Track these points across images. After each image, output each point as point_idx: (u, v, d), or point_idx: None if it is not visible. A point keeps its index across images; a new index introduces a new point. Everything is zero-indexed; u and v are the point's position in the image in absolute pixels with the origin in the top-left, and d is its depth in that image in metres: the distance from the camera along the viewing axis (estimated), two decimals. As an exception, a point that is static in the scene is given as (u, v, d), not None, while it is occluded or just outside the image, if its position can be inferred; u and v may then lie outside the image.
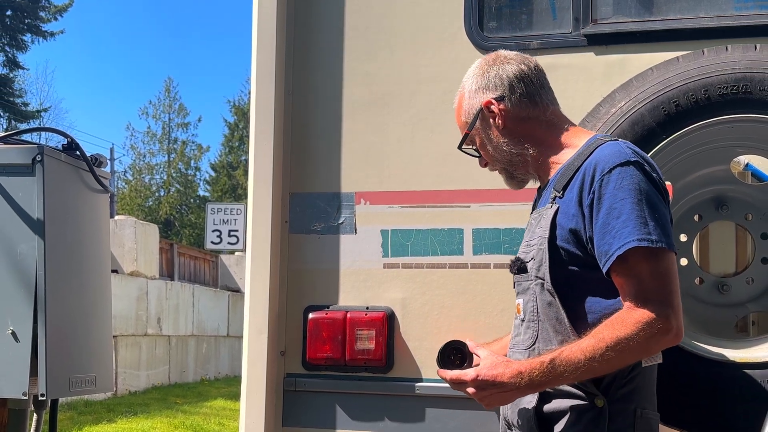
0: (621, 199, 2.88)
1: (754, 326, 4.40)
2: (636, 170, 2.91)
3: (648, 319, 2.80)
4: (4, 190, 3.62)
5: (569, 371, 2.83)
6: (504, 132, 3.29)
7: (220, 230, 28.95)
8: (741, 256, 4.36)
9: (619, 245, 2.84)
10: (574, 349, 2.84)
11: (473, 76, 3.39)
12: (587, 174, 2.97)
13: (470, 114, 3.37)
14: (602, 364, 2.81)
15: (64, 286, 3.73)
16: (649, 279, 2.85)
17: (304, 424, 4.38)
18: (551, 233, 3.04)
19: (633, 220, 2.85)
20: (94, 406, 16.97)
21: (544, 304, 3.06)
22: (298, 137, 4.49)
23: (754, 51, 3.66)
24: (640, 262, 2.85)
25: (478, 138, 3.38)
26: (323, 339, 4.29)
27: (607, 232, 2.88)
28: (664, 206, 2.95)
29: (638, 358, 2.90)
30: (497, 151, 3.33)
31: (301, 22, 4.54)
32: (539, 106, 3.28)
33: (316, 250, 4.43)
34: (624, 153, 2.95)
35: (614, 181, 2.90)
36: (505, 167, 3.37)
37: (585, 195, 2.96)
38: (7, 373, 3.56)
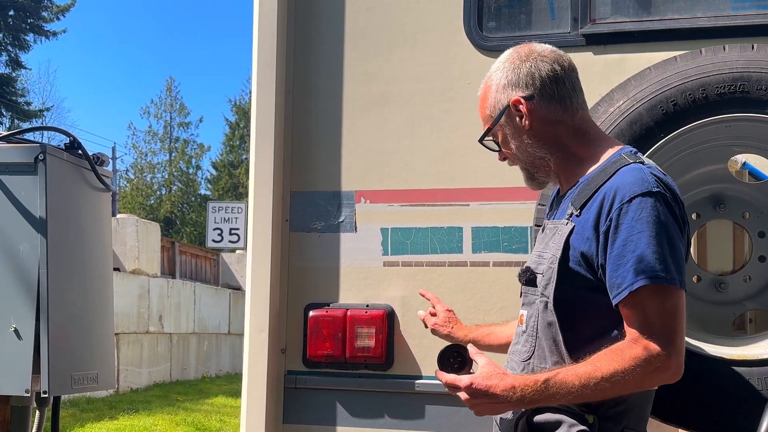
0: (639, 231, 2.81)
1: (751, 324, 4.40)
2: (657, 202, 2.83)
3: (647, 356, 2.76)
4: (7, 189, 3.62)
5: (561, 394, 2.81)
6: (530, 133, 3.13)
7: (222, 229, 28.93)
8: (738, 255, 4.36)
9: (632, 281, 2.79)
10: (570, 373, 2.81)
11: (503, 69, 3.20)
12: (606, 199, 2.89)
13: (496, 108, 3.19)
14: (595, 392, 2.79)
15: (67, 284, 3.73)
16: (656, 316, 2.80)
17: (304, 421, 4.38)
18: (563, 254, 2.98)
19: (649, 255, 2.78)
20: (96, 403, 16.98)
21: (544, 323, 3.02)
22: (298, 136, 4.49)
23: (751, 50, 3.66)
24: (650, 297, 2.80)
25: (501, 134, 3.22)
26: (324, 336, 4.30)
27: (621, 264, 2.82)
28: (680, 241, 2.88)
29: (632, 390, 2.87)
30: (520, 151, 3.19)
31: (302, 22, 4.54)
32: (569, 110, 3.14)
33: (316, 248, 4.43)
34: (647, 182, 2.86)
35: (633, 211, 2.82)
36: (526, 167, 3.25)
37: (602, 220, 2.89)
38: (9, 370, 3.56)
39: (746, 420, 3.35)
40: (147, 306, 21.20)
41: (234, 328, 27.83)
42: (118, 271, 19.51)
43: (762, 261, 4.18)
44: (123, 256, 20.18)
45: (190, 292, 24.66)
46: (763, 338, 3.81)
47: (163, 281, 22.67)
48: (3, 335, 3.56)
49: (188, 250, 29.52)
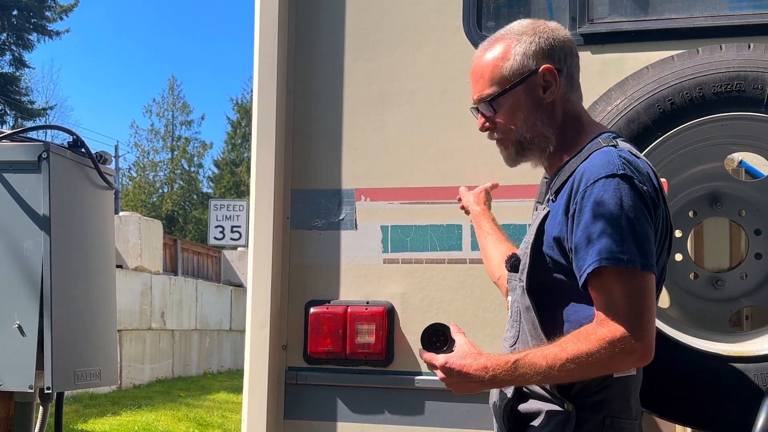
0: (599, 214, 2.76)
1: (747, 321, 4.40)
2: (621, 183, 2.78)
3: (612, 338, 2.72)
4: (11, 187, 3.63)
5: (530, 374, 2.79)
6: (548, 107, 3.05)
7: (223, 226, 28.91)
8: (735, 252, 4.36)
9: (590, 262, 2.76)
10: (537, 354, 2.79)
11: (534, 36, 3.08)
12: (575, 183, 2.86)
13: (519, 70, 3.03)
14: (562, 373, 2.76)
15: (70, 281, 3.74)
16: (620, 298, 2.76)
17: (305, 416, 4.39)
18: (536, 238, 2.97)
19: (606, 238, 2.74)
20: (99, 399, 16.99)
21: (523, 308, 3.02)
22: (299, 135, 4.50)
23: (747, 50, 3.66)
24: (612, 280, 2.76)
25: (512, 100, 3.05)
26: (324, 333, 4.30)
27: (583, 247, 2.79)
28: (648, 223, 2.81)
29: (600, 373, 2.83)
30: (527, 123, 3.05)
31: (303, 21, 4.54)
32: (577, 96, 3.13)
33: (317, 245, 4.43)
34: (612, 164, 2.82)
35: (596, 194, 2.78)
36: (521, 141, 3.09)
37: (570, 204, 2.86)
38: (13, 366, 3.57)
39: (743, 415, 3.35)
40: (149, 303, 21.21)
41: (235, 324, 27.83)
42: (121, 268, 19.50)
43: (758, 258, 4.18)
44: (126, 253, 20.18)
45: (192, 289, 24.66)
46: (760, 335, 3.81)
47: (165, 278, 22.68)
48: (7, 332, 3.57)
49: (190, 247, 29.52)
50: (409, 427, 4.27)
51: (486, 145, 3.34)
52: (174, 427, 14.63)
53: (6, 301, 3.60)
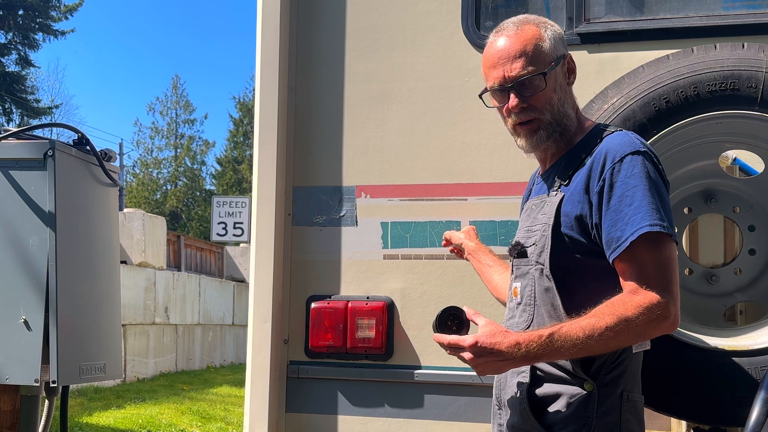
0: (633, 186, 2.85)
1: (741, 315, 4.40)
2: (646, 160, 2.90)
3: (648, 303, 2.77)
4: (17, 184, 3.63)
5: (566, 347, 2.80)
6: (568, 91, 3.18)
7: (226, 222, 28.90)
8: (729, 248, 4.36)
9: (633, 230, 2.82)
10: (573, 326, 2.80)
11: (552, 24, 3.21)
12: (597, 162, 2.94)
13: (554, 53, 3.12)
14: (599, 343, 2.78)
15: (75, 276, 3.74)
16: (653, 266, 2.82)
17: (306, 409, 4.39)
18: (555, 220, 3.01)
19: (645, 207, 2.83)
20: (104, 392, 16.99)
21: (541, 290, 3.03)
22: (300, 133, 4.50)
23: (741, 49, 3.66)
24: (647, 248, 2.83)
25: (552, 80, 3.11)
26: (325, 327, 4.30)
27: (620, 219, 2.85)
28: (667, 195, 2.94)
29: (635, 341, 2.89)
30: (560, 103, 3.12)
31: (304, 21, 4.54)
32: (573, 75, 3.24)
33: (318, 241, 4.43)
34: (634, 143, 2.94)
35: (626, 169, 2.88)
36: (551, 121, 3.11)
37: (594, 183, 2.93)
38: (19, 360, 3.57)
39: (737, 409, 3.35)
40: (153, 298, 21.21)
41: (238, 319, 27.85)
42: (125, 264, 19.51)
43: (752, 254, 4.18)
44: (130, 249, 20.18)
45: (195, 285, 24.67)
46: (753, 329, 3.82)
47: (168, 274, 22.68)
48: (13, 326, 3.57)
49: (193, 243, 29.50)
50: (408, 420, 4.27)
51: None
52: (177, 420, 14.64)
53: (12, 296, 3.60)
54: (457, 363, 4.13)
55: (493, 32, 3.22)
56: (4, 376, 3.60)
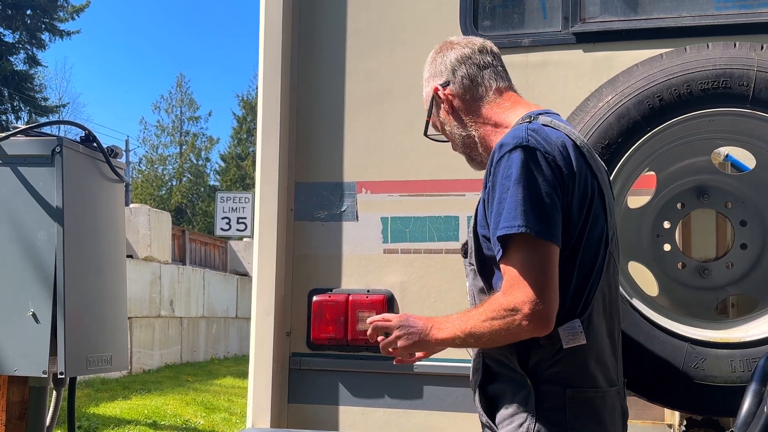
0: (506, 188, 2.78)
1: (733, 308, 4.40)
2: (523, 154, 2.78)
3: (507, 306, 2.73)
4: (26, 180, 3.63)
5: (448, 333, 2.94)
6: (453, 115, 3.24)
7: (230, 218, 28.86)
8: (721, 242, 4.36)
9: (496, 233, 2.79)
10: (457, 316, 2.93)
11: (427, 65, 3.36)
12: (490, 160, 2.91)
13: (428, 101, 3.34)
14: (474, 339, 2.86)
15: (82, 270, 3.74)
16: (519, 267, 2.75)
17: (308, 400, 4.39)
18: (474, 220, 3.02)
19: (507, 209, 2.76)
20: (110, 383, 17.00)
21: (477, 290, 3.04)
22: (302, 130, 4.50)
23: (733, 48, 3.66)
24: (514, 249, 2.76)
25: (438, 123, 3.34)
26: (327, 320, 4.30)
27: (494, 219, 2.82)
28: (552, 192, 2.79)
29: (505, 341, 2.82)
30: (451, 135, 3.29)
31: (306, 21, 4.54)
32: (481, 86, 3.19)
33: (319, 236, 4.44)
34: (517, 137, 2.83)
35: (502, 168, 2.81)
36: (461, 148, 3.31)
37: (487, 181, 2.90)
38: (28, 352, 3.57)
39: (728, 399, 3.36)
40: (158, 291, 21.23)
41: (241, 312, 27.86)
42: (131, 258, 19.51)
43: (744, 248, 4.18)
44: (136, 243, 20.18)
45: (199, 278, 24.68)
46: (744, 322, 3.82)
47: (174, 268, 22.69)
48: (22, 319, 3.58)
49: (198, 238, 29.51)
50: (408, 410, 4.28)
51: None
52: (182, 410, 14.65)
53: (20, 289, 3.60)
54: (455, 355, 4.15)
55: None
56: (13, 367, 3.60)
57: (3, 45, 45.93)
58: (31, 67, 48.04)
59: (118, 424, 12.87)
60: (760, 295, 4.12)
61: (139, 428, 12.76)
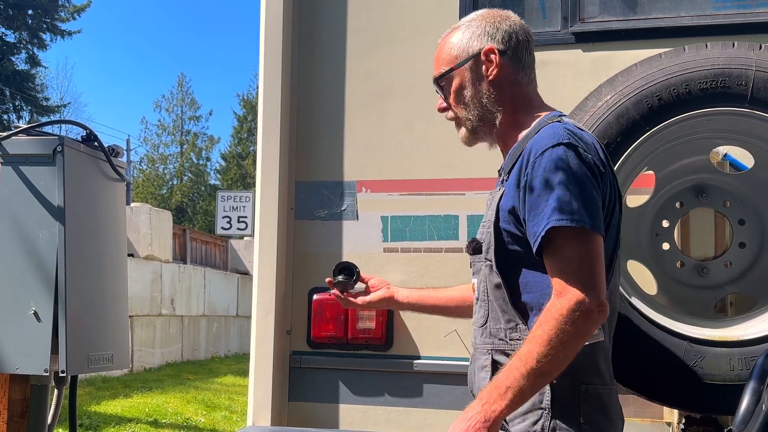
0: (549, 180, 2.79)
1: (732, 307, 4.40)
2: (567, 151, 2.82)
3: (569, 306, 2.70)
4: (27, 179, 3.63)
5: (518, 382, 2.72)
6: (491, 83, 3.10)
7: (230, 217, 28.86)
8: (720, 241, 4.36)
9: (543, 225, 2.77)
10: (514, 362, 2.75)
11: (481, 21, 3.16)
12: (524, 157, 2.90)
13: (464, 51, 3.14)
14: (545, 364, 2.70)
15: (83, 269, 3.74)
16: (572, 259, 2.77)
17: (309, 398, 4.39)
18: (497, 216, 2.98)
19: (556, 201, 2.76)
20: (112, 382, 17.00)
21: (492, 286, 3.01)
22: (303, 129, 4.50)
23: (732, 48, 3.66)
24: (564, 242, 2.77)
25: (459, 79, 3.16)
26: (327, 319, 4.31)
27: (537, 213, 2.80)
28: (595, 188, 2.83)
29: (577, 344, 2.76)
30: (474, 100, 3.13)
31: (306, 21, 4.54)
32: (526, 77, 3.15)
33: (320, 235, 4.44)
34: (557, 135, 2.86)
35: (545, 163, 2.81)
36: (471, 119, 3.16)
37: (522, 178, 2.88)
38: (29, 351, 3.57)
39: (727, 398, 3.36)
40: (159, 290, 21.22)
41: (242, 310, 27.86)
42: (132, 257, 19.50)
43: (742, 247, 4.18)
44: (137, 242, 20.18)
45: (200, 277, 24.68)
46: (743, 320, 3.82)
47: (174, 266, 22.69)
48: (23, 318, 3.58)
49: (199, 237, 29.52)
50: (408, 408, 4.28)
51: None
52: (183, 408, 14.65)
53: (22, 288, 3.60)
54: (455, 353, 4.16)
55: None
56: (14, 365, 3.60)
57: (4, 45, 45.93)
58: (32, 68, 48.02)
59: (119, 422, 12.87)
60: (759, 293, 4.12)
61: (140, 426, 12.76)
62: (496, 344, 3.01)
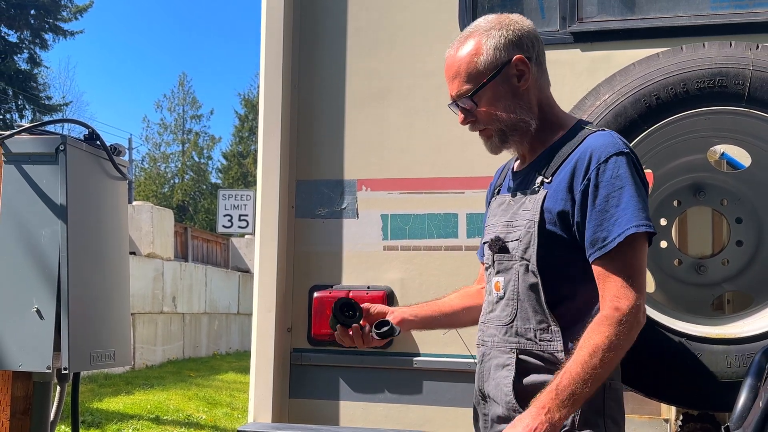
0: (619, 187, 2.83)
1: (729, 304, 4.40)
2: (629, 159, 2.88)
3: (631, 311, 2.77)
4: (30, 178, 3.63)
5: (577, 386, 2.75)
6: (524, 93, 3.06)
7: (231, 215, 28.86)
8: (717, 239, 4.36)
9: (620, 231, 2.80)
10: (570, 367, 2.77)
11: (499, 29, 3.08)
12: (581, 162, 2.90)
13: (493, 64, 3.04)
14: (604, 366, 2.75)
15: (86, 267, 3.74)
16: (634, 267, 2.82)
17: (309, 395, 4.39)
18: (541, 217, 2.97)
19: (632, 207, 2.81)
20: (114, 379, 17.01)
21: (526, 285, 3.00)
22: (303, 128, 4.50)
23: (729, 47, 3.66)
24: (632, 249, 2.82)
25: (491, 92, 3.06)
26: (327, 316, 4.30)
27: (606, 219, 2.83)
28: (648, 196, 2.94)
29: (628, 345, 2.82)
30: (508, 111, 3.06)
31: (307, 21, 4.54)
32: (547, 83, 3.16)
33: (320, 233, 4.44)
34: (618, 143, 2.91)
35: (611, 169, 2.85)
36: (503, 129, 3.08)
37: (577, 181, 2.89)
38: (32, 348, 3.57)
39: (725, 395, 3.36)
40: (161, 288, 21.22)
41: (243, 308, 27.86)
42: (134, 255, 19.51)
43: (739, 245, 4.18)
44: (138, 240, 20.19)
45: (201, 275, 24.68)
46: (740, 318, 3.82)
47: (176, 264, 22.70)
48: (26, 315, 3.58)
49: (200, 235, 29.53)
50: (407, 405, 4.28)
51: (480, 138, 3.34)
52: (184, 405, 14.66)
53: (25, 286, 3.60)
54: (454, 350, 4.16)
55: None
56: (17, 363, 3.60)
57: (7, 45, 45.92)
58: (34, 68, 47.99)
59: (121, 418, 12.87)
60: (756, 291, 4.13)
61: (142, 423, 12.76)
62: (524, 344, 3.01)
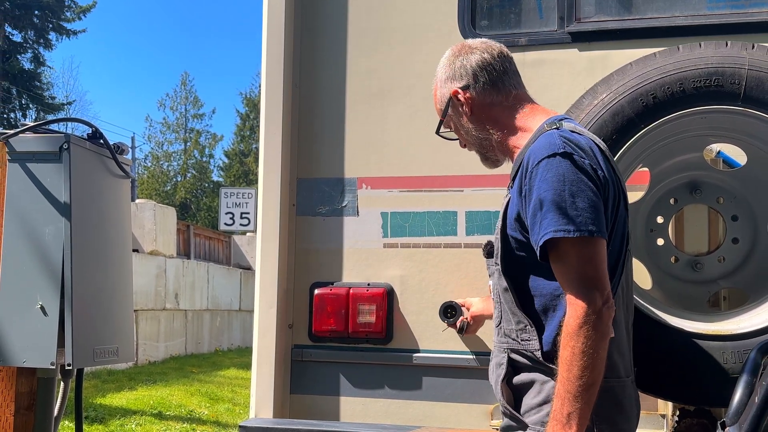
0: (544, 190, 2.82)
1: (725, 301, 4.40)
2: (562, 160, 2.84)
3: (583, 313, 2.72)
4: (34, 176, 3.63)
5: (568, 402, 2.73)
6: (471, 118, 3.24)
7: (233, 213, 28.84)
8: (713, 237, 4.36)
9: (541, 235, 2.80)
10: (557, 387, 2.76)
11: (443, 66, 3.33)
12: (523, 166, 2.94)
13: (443, 102, 3.31)
14: (591, 373, 2.72)
15: (89, 264, 3.74)
16: (574, 265, 2.79)
17: (310, 391, 4.40)
18: (503, 222, 3.03)
19: (552, 212, 2.79)
20: (117, 375, 17.01)
21: (501, 289, 3.06)
22: (304, 127, 4.50)
23: (725, 47, 3.66)
24: (563, 252, 2.81)
25: (453, 123, 3.34)
26: (328, 313, 4.31)
27: (535, 223, 2.84)
28: (592, 191, 2.84)
29: (606, 342, 2.78)
30: (468, 136, 3.30)
31: (308, 20, 4.54)
32: (502, 92, 3.22)
33: (321, 231, 4.44)
34: (553, 145, 2.88)
35: (540, 173, 2.84)
36: (477, 149, 3.33)
37: (523, 186, 2.92)
38: (36, 344, 3.57)
39: (721, 390, 3.36)
40: (164, 285, 21.22)
41: (245, 305, 27.85)
42: (137, 252, 19.51)
43: (735, 243, 4.18)
44: (141, 238, 20.18)
45: (203, 272, 24.67)
46: (736, 314, 3.82)
47: (178, 261, 22.69)
48: (30, 312, 3.57)
49: (202, 232, 29.50)
50: (407, 401, 4.28)
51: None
52: (187, 401, 14.66)
53: (29, 283, 3.60)
54: (453, 347, 4.16)
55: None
56: (21, 359, 3.60)
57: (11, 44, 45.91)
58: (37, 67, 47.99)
59: (124, 414, 12.87)
60: (751, 288, 4.13)
61: (145, 418, 12.76)
62: (510, 344, 3.05)
